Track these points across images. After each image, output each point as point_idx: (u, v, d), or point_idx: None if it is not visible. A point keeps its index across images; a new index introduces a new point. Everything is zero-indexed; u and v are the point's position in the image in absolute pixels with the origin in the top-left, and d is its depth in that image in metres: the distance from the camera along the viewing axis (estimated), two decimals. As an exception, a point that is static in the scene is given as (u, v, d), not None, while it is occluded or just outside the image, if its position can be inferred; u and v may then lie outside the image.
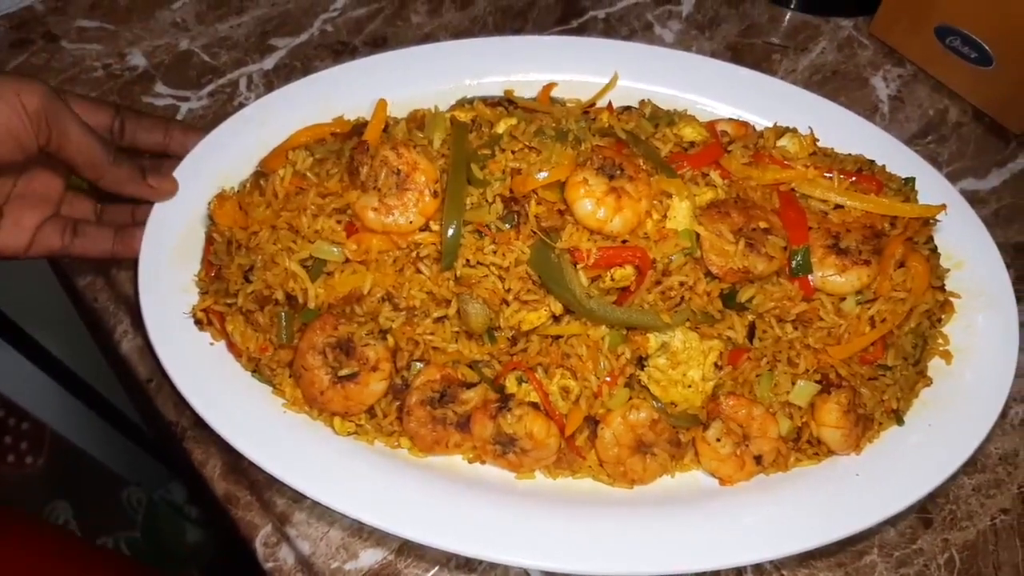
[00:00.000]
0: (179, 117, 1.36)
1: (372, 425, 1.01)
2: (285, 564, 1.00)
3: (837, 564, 1.04)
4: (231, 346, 1.03)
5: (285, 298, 1.00)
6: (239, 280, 1.02)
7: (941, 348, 1.06)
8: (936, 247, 1.07)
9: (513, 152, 1.00)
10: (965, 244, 1.11)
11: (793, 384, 1.00)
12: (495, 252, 0.96)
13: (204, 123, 1.34)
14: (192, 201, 1.09)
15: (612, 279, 0.96)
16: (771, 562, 1.02)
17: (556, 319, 0.98)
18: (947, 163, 1.34)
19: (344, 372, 0.97)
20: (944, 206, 1.03)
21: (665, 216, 0.98)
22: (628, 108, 1.15)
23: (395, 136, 1.02)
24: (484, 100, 1.15)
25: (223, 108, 1.36)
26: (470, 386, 0.99)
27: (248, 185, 1.08)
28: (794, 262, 0.98)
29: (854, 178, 1.04)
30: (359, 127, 1.12)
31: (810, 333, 1.00)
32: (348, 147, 1.05)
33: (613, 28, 1.50)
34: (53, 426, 2.26)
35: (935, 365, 1.06)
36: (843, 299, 1.00)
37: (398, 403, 1.00)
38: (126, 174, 1.02)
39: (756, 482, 1.01)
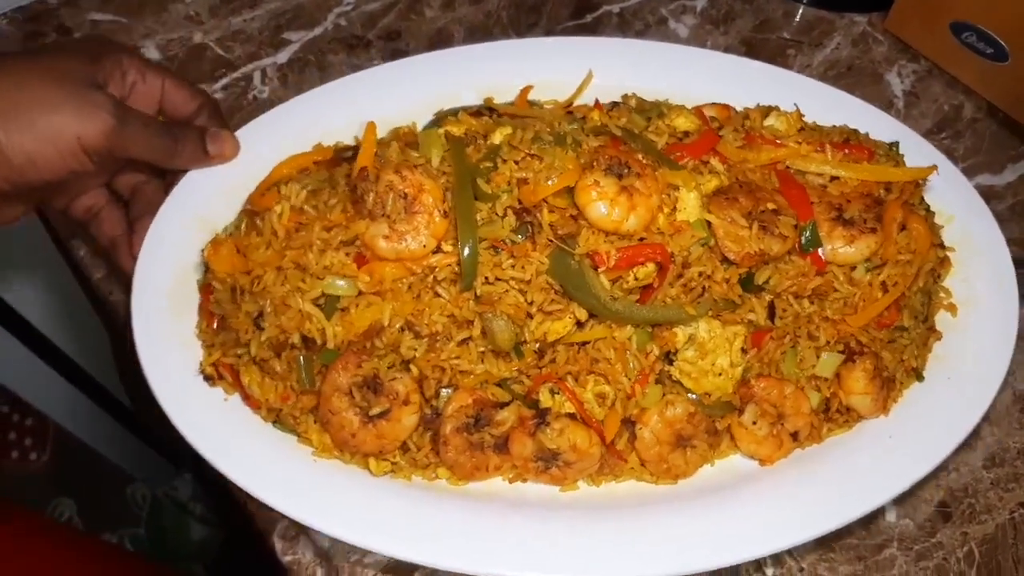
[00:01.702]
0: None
1: (407, 460, 0.98)
2: (303, 558, 1.00)
3: (857, 557, 1.04)
4: (247, 399, 0.98)
5: (302, 341, 0.96)
6: (249, 328, 0.97)
7: (945, 302, 1.09)
8: (929, 206, 1.10)
9: (516, 162, 0.97)
10: (952, 200, 1.14)
11: (818, 357, 1.02)
12: (513, 266, 0.94)
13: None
14: (177, 249, 1.05)
15: (636, 278, 0.95)
16: (791, 554, 1.02)
17: (580, 325, 0.97)
18: (962, 158, 1.35)
19: (375, 411, 0.94)
20: (935, 167, 1.05)
21: (675, 209, 0.97)
22: (616, 104, 1.14)
23: (391, 158, 0.98)
24: (464, 110, 1.13)
25: (237, 101, 1.36)
26: (503, 406, 0.97)
27: (243, 226, 1.03)
28: (803, 238, 0.99)
29: (846, 149, 1.06)
30: (342, 152, 1.09)
31: (827, 305, 1.01)
32: (340, 174, 1.02)
33: (627, 23, 1.51)
34: (58, 421, 2.25)
35: (941, 319, 1.09)
36: (853, 268, 1.01)
37: (430, 434, 0.97)
38: (189, 154, 1.05)
39: (792, 460, 1.01)
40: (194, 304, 1.03)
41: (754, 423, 0.99)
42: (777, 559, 1.04)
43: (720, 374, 0.98)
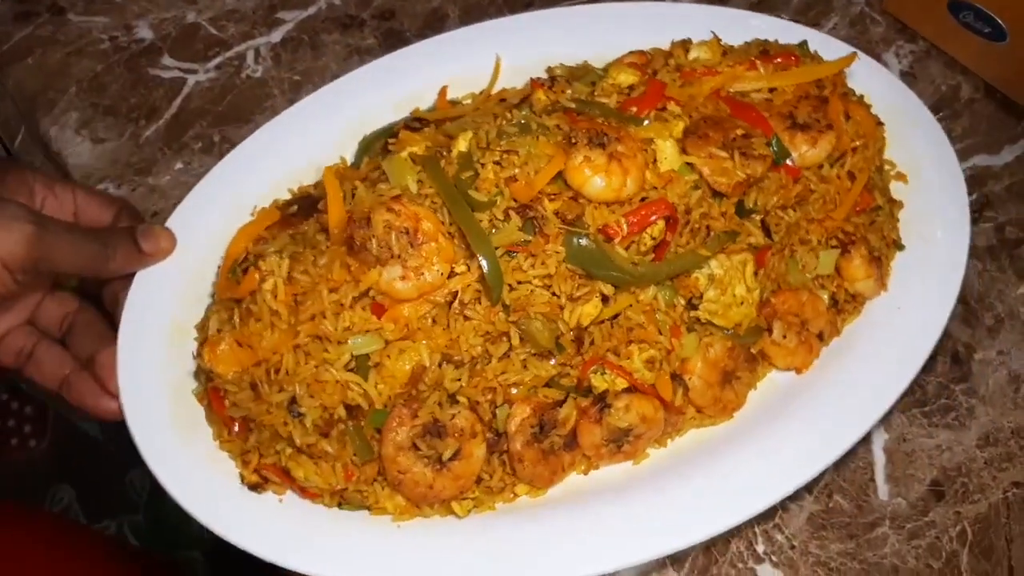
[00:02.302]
0: (186, 90, 1.35)
1: (483, 491, 0.95)
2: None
3: (848, 535, 1.05)
4: (304, 492, 0.92)
5: (347, 412, 0.91)
6: (286, 419, 0.90)
7: (893, 172, 1.16)
8: (853, 90, 1.15)
9: (496, 162, 0.95)
10: (868, 82, 1.19)
11: (816, 258, 1.07)
12: (533, 264, 0.93)
13: (212, 95, 1.33)
14: (159, 369, 0.96)
15: (653, 237, 0.96)
16: (782, 531, 1.02)
17: (606, 300, 0.97)
18: (959, 139, 1.36)
19: (447, 454, 0.90)
20: (855, 53, 1.13)
21: (655, 162, 0.98)
22: (553, 79, 1.13)
23: (364, 199, 0.93)
24: (391, 132, 1.10)
25: (230, 81, 1.36)
26: (560, 404, 0.96)
27: (234, 318, 0.94)
28: (773, 153, 1.03)
29: (776, 59, 1.10)
30: (286, 209, 1.04)
31: (810, 208, 1.06)
32: (312, 231, 0.97)
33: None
34: (57, 407, 2.26)
35: (895, 188, 1.16)
36: (820, 167, 1.06)
37: (496, 456, 0.95)
38: (122, 257, 0.96)
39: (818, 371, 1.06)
40: (199, 418, 0.95)
41: (784, 337, 1.03)
42: (768, 537, 1.04)
43: (742, 303, 1.01)
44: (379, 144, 1.11)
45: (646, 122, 1.00)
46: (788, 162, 1.04)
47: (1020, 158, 1.34)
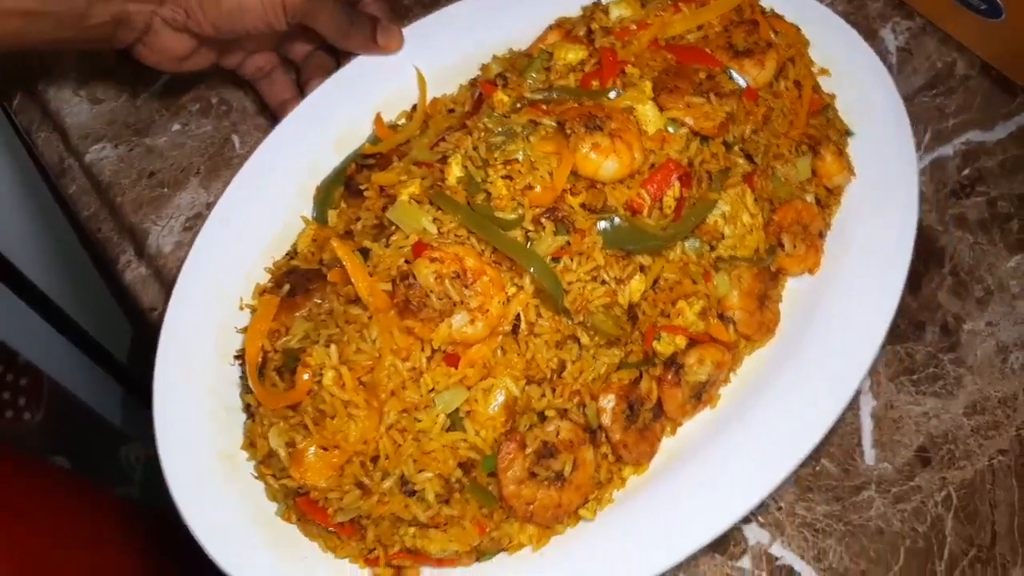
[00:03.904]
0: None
1: (597, 487, 0.98)
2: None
3: (835, 498, 1.06)
4: (441, 563, 0.93)
5: (461, 471, 0.92)
6: (405, 501, 0.90)
7: (817, 69, 1.21)
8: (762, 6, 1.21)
9: (503, 177, 0.95)
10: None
11: (795, 167, 1.13)
12: (580, 262, 0.94)
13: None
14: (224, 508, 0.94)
15: (675, 198, 1.00)
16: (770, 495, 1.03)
17: (643, 269, 0.99)
18: (953, 115, 1.36)
19: (567, 468, 0.93)
20: None
21: (641, 128, 1.01)
22: (504, 77, 1.12)
23: (385, 259, 0.93)
24: (345, 176, 1.10)
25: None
26: (637, 381, 0.98)
27: (303, 423, 0.91)
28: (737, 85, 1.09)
29: None
30: (284, 280, 1.01)
31: (774, 125, 1.11)
32: (335, 303, 0.95)
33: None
34: (53, 376, 2.26)
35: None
36: (771, 85, 1.12)
37: (599, 449, 0.97)
38: (361, 38, 1.16)
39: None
40: (283, 530, 0.95)
41: (794, 247, 1.09)
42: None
43: (751, 230, 1.06)
44: (337, 192, 1.10)
45: (613, 93, 1.03)
46: (746, 87, 1.10)
47: (1013, 135, 1.35)
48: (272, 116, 1.24)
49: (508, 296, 0.93)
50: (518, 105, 1.03)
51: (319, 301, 0.97)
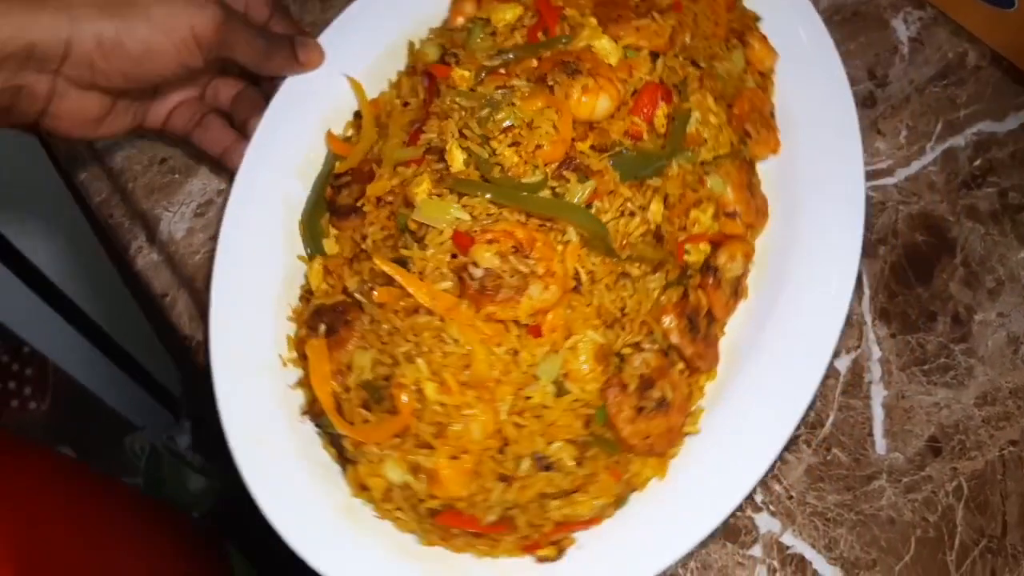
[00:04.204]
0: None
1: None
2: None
3: (846, 487, 1.05)
4: (590, 522, 0.93)
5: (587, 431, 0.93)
6: (546, 478, 0.91)
7: None
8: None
9: (511, 145, 0.95)
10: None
11: (732, 61, 1.15)
12: (610, 202, 0.96)
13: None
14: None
15: (666, 116, 1.03)
16: (779, 481, 1.03)
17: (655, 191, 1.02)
18: (965, 105, 1.36)
19: (669, 393, 0.95)
20: None
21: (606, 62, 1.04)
22: (453, 54, 1.09)
23: (429, 261, 0.93)
24: (326, 201, 1.08)
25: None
26: (685, 296, 0.99)
27: (420, 439, 0.91)
28: None
29: None
30: (318, 326, 0.98)
31: (703, 26, 1.14)
32: (388, 321, 0.94)
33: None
34: (59, 364, 2.26)
35: None
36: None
37: (676, 367, 0.98)
38: (282, 58, 1.09)
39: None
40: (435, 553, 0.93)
41: (758, 132, 1.13)
42: (766, 487, 1.05)
43: (720, 128, 1.08)
44: (323, 220, 1.07)
45: (564, 40, 1.04)
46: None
47: (1024, 125, 1.34)
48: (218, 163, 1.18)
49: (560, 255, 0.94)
50: (481, 76, 1.02)
51: (367, 326, 0.95)
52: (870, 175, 1.28)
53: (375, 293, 0.95)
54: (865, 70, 1.37)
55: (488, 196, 0.93)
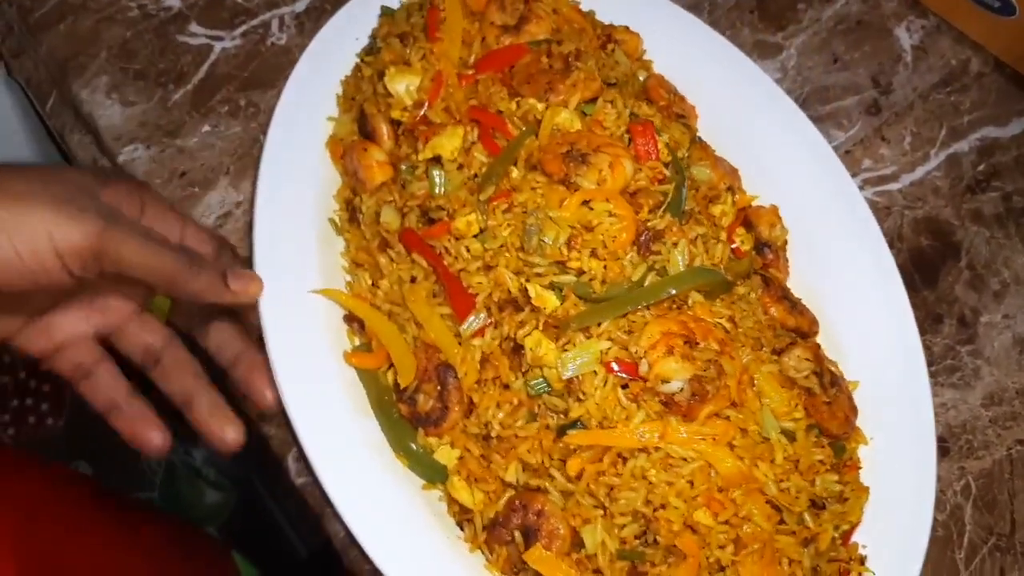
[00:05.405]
0: (213, 56, 1.38)
1: None
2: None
3: (855, 486, 1.05)
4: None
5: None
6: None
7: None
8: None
9: (589, 257, 0.91)
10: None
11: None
12: (696, 245, 0.96)
13: (237, 62, 1.36)
14: None
15: (665, 144, 1.03)
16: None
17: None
18: (968, 112, 1.38)
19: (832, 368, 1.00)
20: None
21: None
22: (428, 218, 0.97)
23: (618, 412, 0.86)
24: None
25: (256, 48, 1.38)
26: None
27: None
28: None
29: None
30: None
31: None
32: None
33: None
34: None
35: None
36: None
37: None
38: (206, 281, 0.86)
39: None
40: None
41: None
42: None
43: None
44: (418, 437, 0.93)
45: (529, 133, 1.00)
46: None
47: (1028, 131, 1.36)
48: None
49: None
50: (484, 211, 0.95)
51: (563, 504, 0.86)
52: (875, 181, 1.30)
53: (566, 464, 0.85)
54: (869, 78, 1.39)
55: (613, 313, 0.87)
